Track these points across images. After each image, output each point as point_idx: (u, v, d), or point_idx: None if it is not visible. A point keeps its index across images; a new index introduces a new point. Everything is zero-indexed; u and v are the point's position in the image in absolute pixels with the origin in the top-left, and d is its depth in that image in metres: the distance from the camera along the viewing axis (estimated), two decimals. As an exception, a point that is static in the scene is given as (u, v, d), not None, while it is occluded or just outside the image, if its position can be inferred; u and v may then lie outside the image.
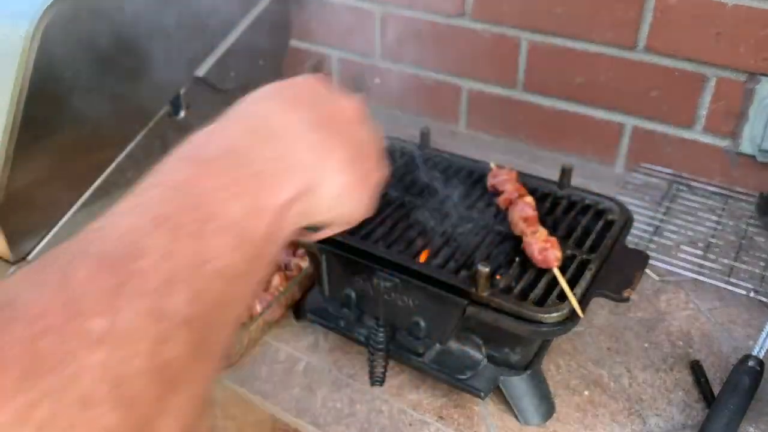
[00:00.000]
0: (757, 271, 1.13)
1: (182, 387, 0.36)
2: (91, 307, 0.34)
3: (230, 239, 0.42)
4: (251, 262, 0.44)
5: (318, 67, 0.91)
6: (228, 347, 0.44)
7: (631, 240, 1.18)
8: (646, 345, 1.00)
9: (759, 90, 1.24)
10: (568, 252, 0.88)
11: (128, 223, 0.40)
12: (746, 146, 1.30)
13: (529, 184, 1.04)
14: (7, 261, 1.12)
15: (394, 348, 0.88)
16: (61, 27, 1.04)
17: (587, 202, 1.00)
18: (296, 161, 0.49)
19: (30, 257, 1.14)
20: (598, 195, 1.01)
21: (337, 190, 0.53)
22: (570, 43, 1.40)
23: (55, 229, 1.15)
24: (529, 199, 0.95)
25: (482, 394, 0.85)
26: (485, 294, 0.79)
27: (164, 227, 0.39)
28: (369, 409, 0.90)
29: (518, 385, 0.87)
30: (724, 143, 1.33)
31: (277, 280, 1.10)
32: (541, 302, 0.80)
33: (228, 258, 0.42)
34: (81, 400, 0.31)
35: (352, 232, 0.92)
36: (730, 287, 1.10)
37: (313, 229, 0.57)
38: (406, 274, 0.83)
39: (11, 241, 1.09)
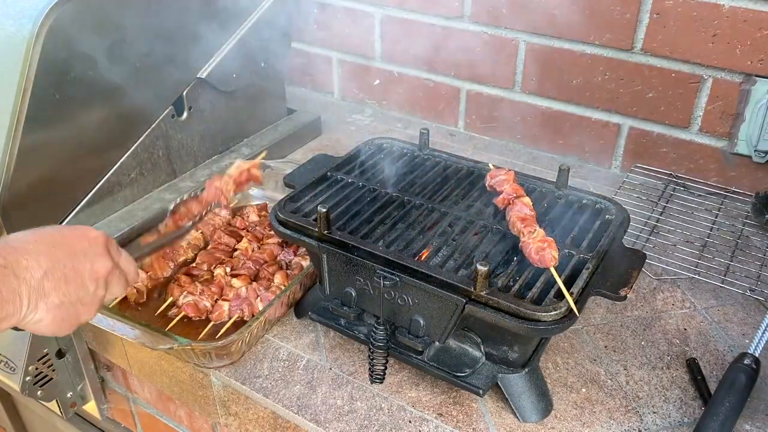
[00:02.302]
0: (753, 270, 1.14)
1: None
2: None
3: None
4: None
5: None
6: None
7: (628, 239, 1.19)
8: (642, 343, 1.02)
9: (755, 91, 1.25)
10: (566, 251, 0.89)
11: None
12: (742, 147, 1.31)
13: (527, 184, 1.05)
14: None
15: (393, 346, 0.89)
16: (65, 27, 1.05)
17: (585, 201, 1.01)
18: (24, 293, 0.67)
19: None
20: (596, 195, 1.02)
21: (39, 320, 0.70)
22: (567, 45, 1.42)
23: (58, 229, 1.16)
24: (527, 199, 0.96)
25: (481, 391, 0.86)
26: (484, 293, 0.80)
27: None
28: (369, 407, 0.91)
29: (516, 382, 0.88)
30: (720, 144, 1.35)
31: (278, 278, 1.11)
32: (538, 301, 0.81)
33: None
34: None
35: (352, 231, 0.94)
36: (726, 286, 1.11)
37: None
38: (405, 272, 0.84)
39: (15, 241, 1.10)
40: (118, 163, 1.24)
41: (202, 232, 1.21)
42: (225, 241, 1.20)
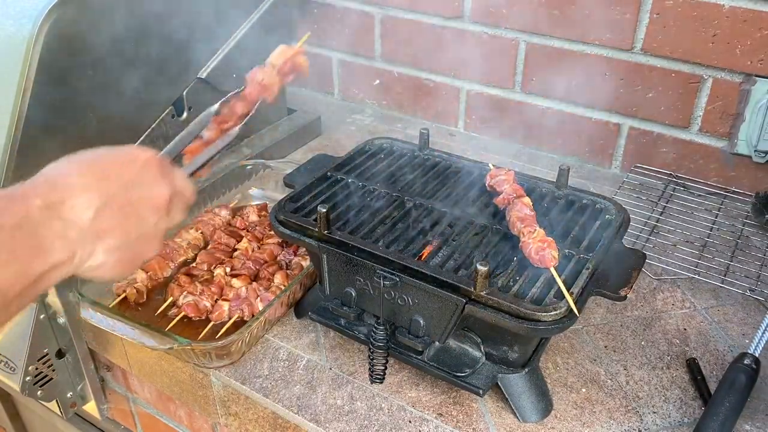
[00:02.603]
0: (753, 270, 1.14)
1: None
2: None
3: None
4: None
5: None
6: None
7: (628, 239, 1.19)
8: (642, 343, 1.02)
9: (755, 91, 1.25)
10: (566, 251, 0.89)
11: None
12: (742, 147, 1.31)
13: (527, 184, 1.05)
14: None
15: (393, 346, 0.89)
16: (64, 27, 1.05)
17: (585, 201, 1.01)
18: (75, 237, 0.58)
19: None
20: (596, 195, 1.02)
21: (100, 266, 0.62)
22: (567, 45, 1.42)
23: (58, 229, 1.16)
24: (527, 199, 0.96)
25: (481, 391, 0.86)
26: (484, 293, 0.80)
27: None
28: (369, 407, 0.91)
29: (516, 382, 0.88)
30: (720, 144, 1.35)
31: (278, 278, 1.11)
32: (538, 301, 0.81)
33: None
34: None
35: (352, 231, 0.94)
36: (726, 286, 1.11)
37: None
38: (405, 272, 0.85)
39: (14, 241, 1.10)
40: (118, 163, 1.24)
41: (202, 232, 1.21)
42: (225, 241, 1.20)
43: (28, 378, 1.13)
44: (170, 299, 1.07)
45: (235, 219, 1.27)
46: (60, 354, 1.17)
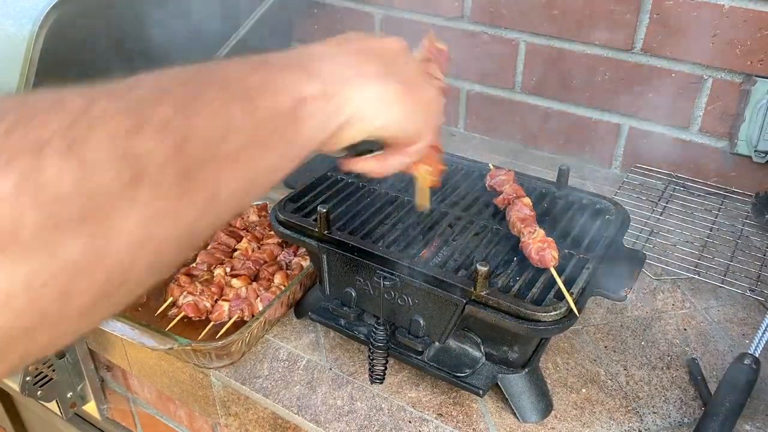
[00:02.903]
0: (753, 270, 1.14)
1: (149, 188, 0.36)
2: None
3: (246, 103, 0.45)
4: (265, 132, 0.46)
5: None
6: (229, 205, 0.44)
7: (628, 240, 1.19)
8: (642, 343, 1.02)
9: (755, 91, 1.25)
10: (566, 251, 0.89)
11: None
12: (742, 147, 1.31)
13: (527, 184, 1.05)
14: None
15: (393, 346, 0.89)
16: (65, 27, 1.05)
17: (584, 202, 1.01)
18: (332, 73, 0.54)
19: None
20: (596, 195, 1.02)
21: (375, 96, 0.56)
22: (567, 45, 1.42)
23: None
24: (527, 199, 0.96)
25: (481, 391, 0.86)
26: (484, 293, 0.80)
27: (193, 79, 0.45)
28: (369, 407, 0.91)
29: (516, 382, 0.88)
30: (720, 144, 1.35)
31: (278, 278, 1.11)
32: (539, 301, 0.81)
33: (238, 119, 0.44)
34: (37, 150, 0.33)
35: (352, 231, 0.94)
36: (726, 286, 1.11)
37: (371, 149, 0.61)
38: (405, 273, 0.84)
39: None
40: (118, 164, 1.24)
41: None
42: (225, 241, 1.20)
43: (28, 378, 1.13)
44: (170, 299, 1.07)
45: (235, 219, 1.27)
46: (60, 354, 1.17)
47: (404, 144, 0.65)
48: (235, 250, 1.19)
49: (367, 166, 0.68)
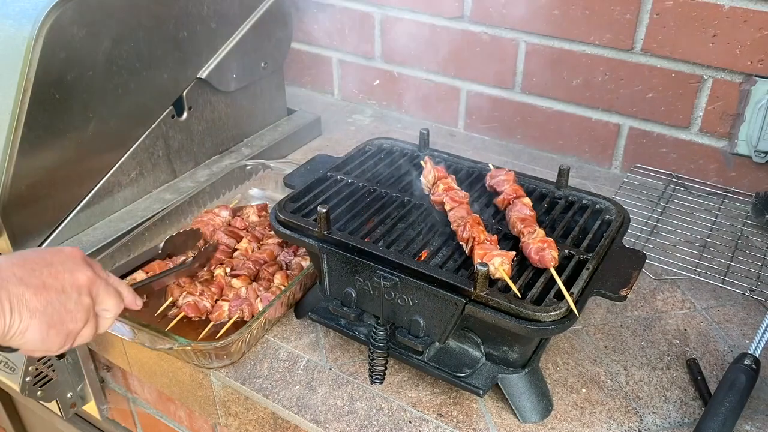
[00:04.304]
0: (753, 270, 1.14)
1: None
2: None
3: None
4: None
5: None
6: None
7: (628, 240, 1.19)
8: (642, 343, 1.02)
9: (755, 91, 1.25)
10: (566, 251, 0.89)
11: None
12: (742, 147, 1.31)
13: (527, 184, 1.05)
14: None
15: (393, 346, 0.89)
16: (65, 27, 1.05)
17: (585, 202, 1.01)
18: (1, 309, 0.66)
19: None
20: (596, 195, 1.02)
21: (26, 329, 0.69)
22: (567, 45, 1.42)
23: (58, 229, 1.16)
24: (527, 199, 0.96)
25: (481, 391, 0.86)
26: (484, 293, 0.80)
27: None
28: (369, 407, 0.91)
29: (516, 382, 0.88)
30: (720, 144, 1.35)
31: (278, 278, 1.11)
32: (538, 301, 0.81)
33: None
34: None
35: (352, 231, 0.94)
36: (726, 286, 1.11)
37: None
38: (405, 273, 0.84)
39: (15, 241, 1.10)
40: (118, 163, 1.24)
41: (202, 232, 1.21)
42: (225, 242, 1.20)
43: (28, 378, 1.13)
44: (170, 299, 1.07)
45: (235, 219, 1.27)
46: (60, 354, 1.17)
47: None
48: (235, 250, 1.19)
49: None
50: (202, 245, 1.16)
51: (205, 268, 1.13)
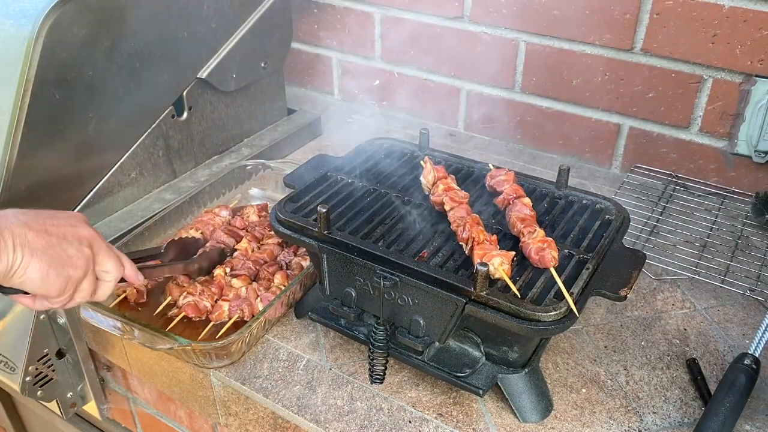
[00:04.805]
0: (753, 270, 1.14)
1: None
2: None
3: None
4: None
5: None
6: None
7: (628, 240, 1.19)
8: (642, 343, 1.02)
9: (755, 91, 1.25)
10: (566, 251, 0.89)
11: None
12: (742, 147, 1.31)
13: (527, 184, 1.05)
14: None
15: (393, 346, 0.89)
16: (65, 27, 1.05)
17: (585, 202, 1.01)
18: (4, 245, 0.71)
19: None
20: (596, 195, 1.02)
21: (27, 266, 0.73)
22: (567, 45, 1.42)
23: (58, 229, 1.16)
24: (527, 199, 0.96)
25: (481, 391, 0.86)
26: (484, 293, 0.80)
27: None
28: (369, 407, 0.91)
29: (516, 382, 0.88)
30: (720, 144, 1.35)
31: (278, 278, 1.11)
32: (538, 301, 0.81)
33: None
34: None
35: (352, 231, 0.94)
36: (726, 286, 1.11)
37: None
38: (405, 273, 0.84)
39: (14, 241, 1.10)
40: (118, 163, 1.24)
41: (202, 232, 1.21)
42: (225, 241, 1.20)
43: (28, 378, 1.13)
44: (170, 299, 1.07)
45: (235, 219, 1.27)
46: (60, 354, 1.17)
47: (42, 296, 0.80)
48: (235, 250, 1.19)
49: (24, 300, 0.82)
50: (209, 248, 1.16)
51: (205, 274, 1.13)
